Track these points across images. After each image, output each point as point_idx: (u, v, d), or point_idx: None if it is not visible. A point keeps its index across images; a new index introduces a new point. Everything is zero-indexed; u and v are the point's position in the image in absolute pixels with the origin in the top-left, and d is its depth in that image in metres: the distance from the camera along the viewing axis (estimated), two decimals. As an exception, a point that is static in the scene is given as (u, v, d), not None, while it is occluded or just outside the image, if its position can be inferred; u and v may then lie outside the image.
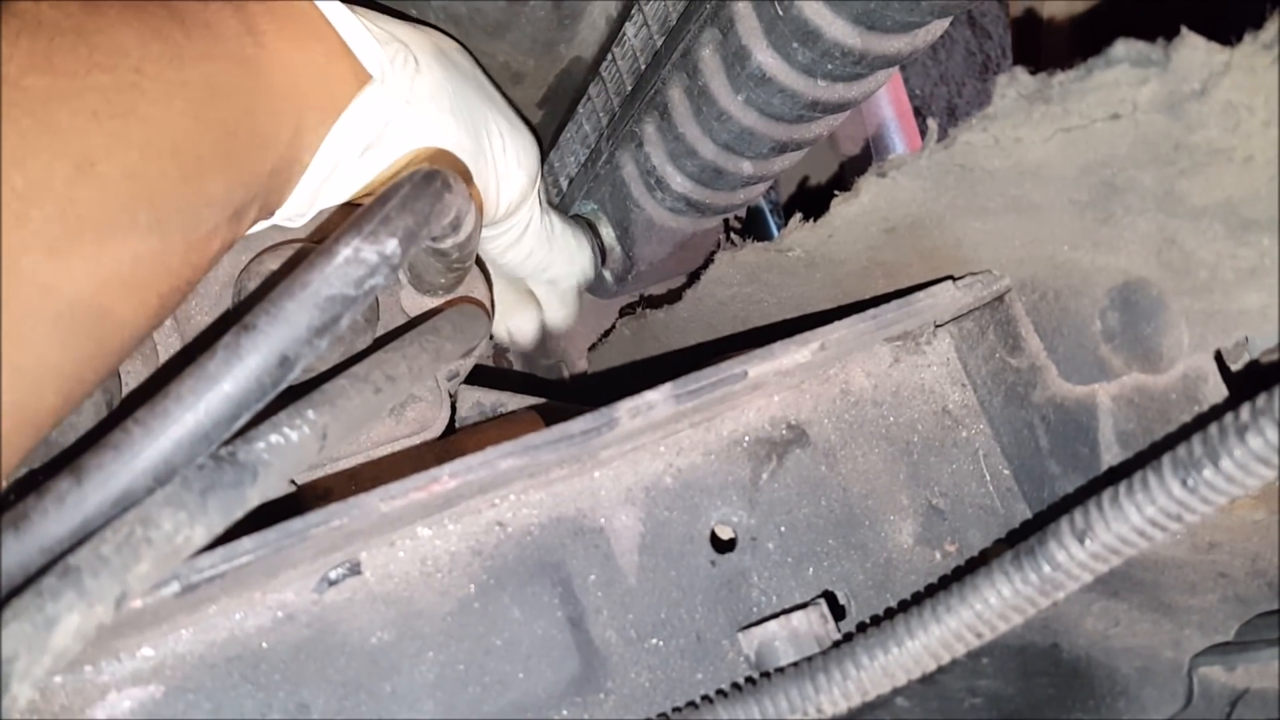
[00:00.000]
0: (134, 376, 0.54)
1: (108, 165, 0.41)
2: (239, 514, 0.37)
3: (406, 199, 0.43)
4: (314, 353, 0.39)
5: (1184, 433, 0.44)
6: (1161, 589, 0.49)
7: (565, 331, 0.90)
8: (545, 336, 0.92)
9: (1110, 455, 0.48)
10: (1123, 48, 0.35)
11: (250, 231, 0.53)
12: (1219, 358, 0.43)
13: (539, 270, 0.77)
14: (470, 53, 0.67)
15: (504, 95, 0.68)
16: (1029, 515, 0.54)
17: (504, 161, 0.64)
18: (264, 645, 0.44)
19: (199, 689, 0.43)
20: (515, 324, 0.83)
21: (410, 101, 0.56)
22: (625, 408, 0.44)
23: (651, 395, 0.44)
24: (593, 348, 0.95)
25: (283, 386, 0.39)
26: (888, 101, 1.13)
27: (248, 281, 0.54)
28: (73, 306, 0.40)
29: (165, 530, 0.36)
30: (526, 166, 0.66)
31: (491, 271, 0.83)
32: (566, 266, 0.78)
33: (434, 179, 0.45)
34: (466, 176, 0.61)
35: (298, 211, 0.54)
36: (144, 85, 0.42)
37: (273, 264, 0.54)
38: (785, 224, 0.57)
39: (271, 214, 0.53)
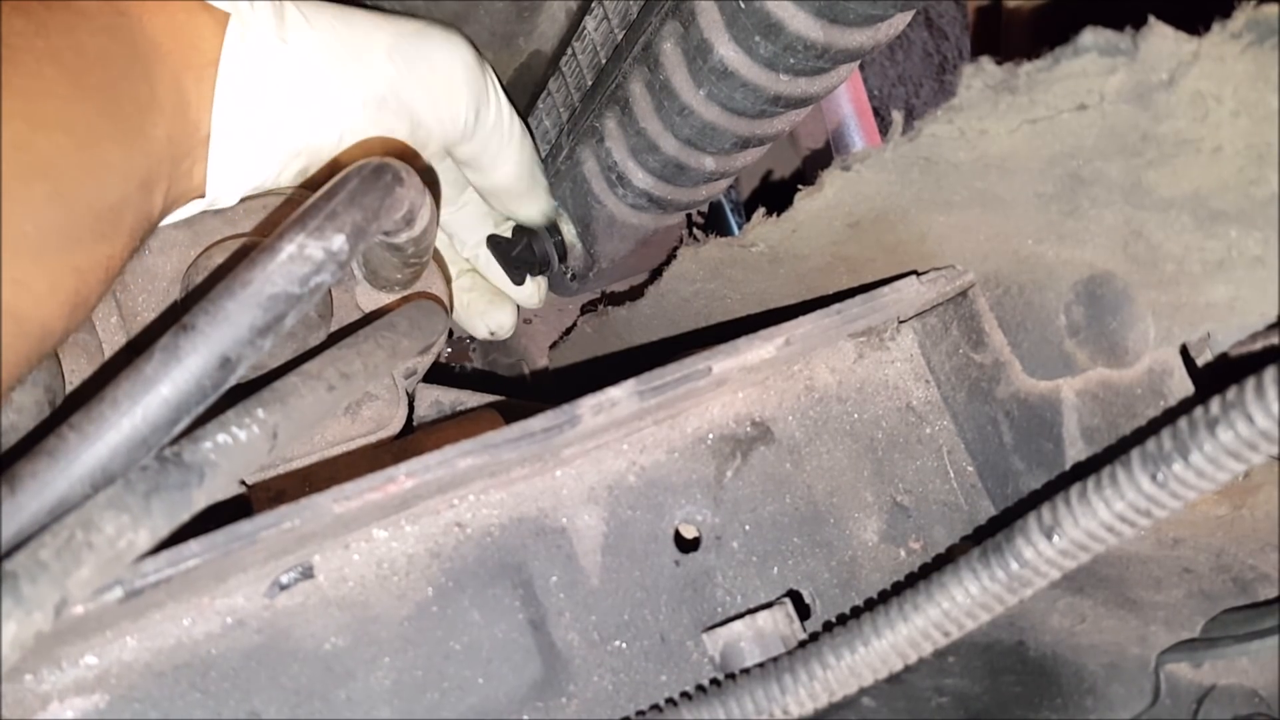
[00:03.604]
0: (78, 375, 0.53)
1: None
2: (185, 517, 0.36)
3: (354, 193, 0.42)
4: (257, 353, 0.38)
5: (1150, 428, 0.44)
6: (1127, 585, 0.49)
7: (533, 316, 0.88)
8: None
9: (1075, 451, 0.48)
10: (1091, 36, 0.35)
11: (190, 217, 0.51)
12: (1185, 352, 0.43)
13: (536, 178, 0.73)
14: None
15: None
16: (993, 512, 0.54)
17: (430, 72, 0.60)
18: (213, 652, 0.42)
19: (145, 698, 0.41)
20: (494, 321, 0.81)
21: (285, 39, 0.54)
22: (588, 405, 0.43)
23: (614, 392, 0.43)
24: (554, 346, 0.94)
25: (225, 388, 0.38)
26: (847, 99, 1.12)
27: (195, 276, 0.53)
28: None
29: (107, 534, 0.34)
30: (461, 66, 0.62)
31: (470, 270, 0.81)
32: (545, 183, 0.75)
33: (384, 172, 0.44)
34: (419, 167, 0.60)
35: (221, 186, 0.53)
36: (13, 58, 0.42)
37: (220, 258, 0.53)
38: (746, 222, 0.56)
39: (191, 192, 0.52)
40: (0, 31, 0.42)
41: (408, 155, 0.59)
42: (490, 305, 0.81)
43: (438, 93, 0.61)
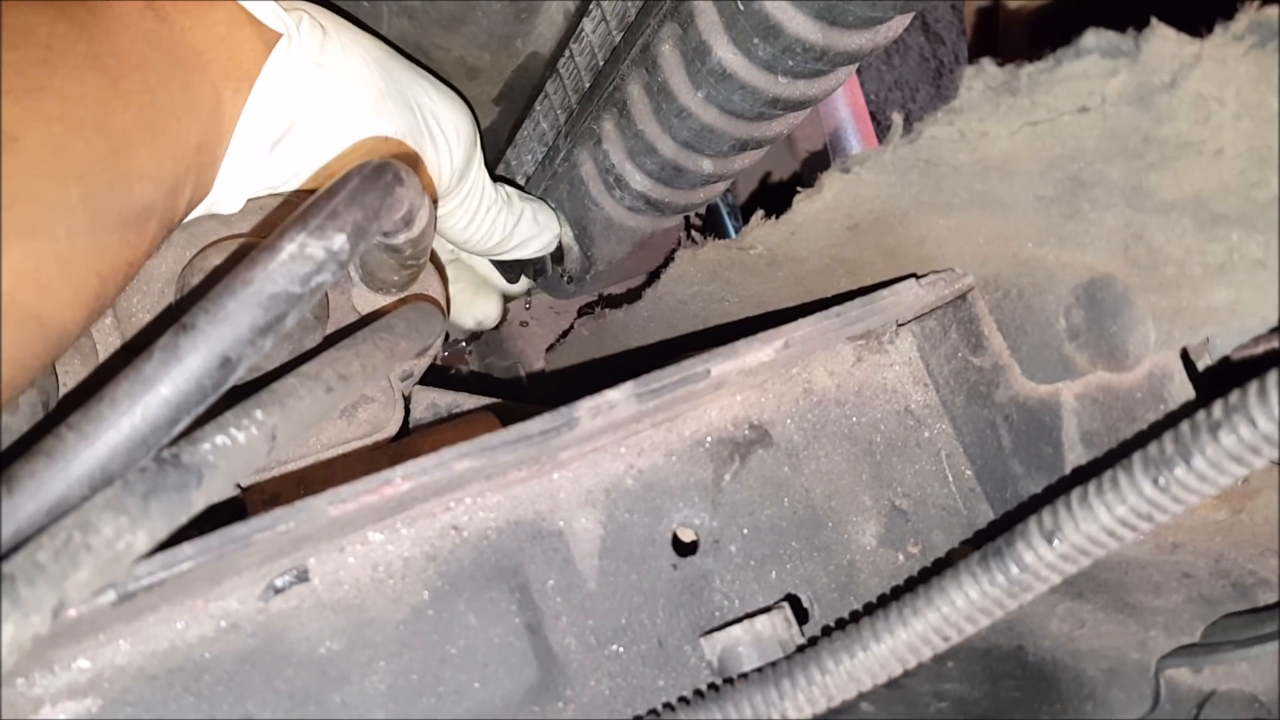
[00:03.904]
0: (72, 376, 0.52)
1: (30, 139, 0.40)
2: (183, 519, 0.36)
3: (355, 192, 0.42)
4: (257, 353, 0.38)
5: (1150, 432, 0.43)
6: (1126, 590, 0.49)
7: (530, 319, 0.89)
8: (503, 335, 0.91)
9: (1074, 455, 0.48)
10: (1093, 38, 0.35)
11: (189, 219, 0.51)
12: (1185, 356, 0.43)
13: (506, 241, 0.75)
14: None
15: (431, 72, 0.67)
16: (992, 516, 0.53)
17: (438, 126, 0.62)
18: (207, 656, 0.42)
19: (138, 702, 0.41)
20: (481, 312, 0.82)
21: (322, 65, 0.55)
22: (585, 407, 0.43)
23: (612, 394, 0.43)
24: (550, 348, 0.94)
25: (225, 388, 0.38)
26: (845, 103, 1.12)
27: (191, 277, 0.52)
28: (11, 288, 0.39)
29: (105, 536, 0.34)
30: (463, 129, 0.65)
31: (454, 260, 0.81)
32: (533, 229, 0.77)
33: (385, 172, 0.44)
34: (417, 167, 0.60)
35: (228, 194, 0.53)
36: (55, 60, 0.42)
37: (217, 259, 0.52)
38: (743, 225, 0.56)
39: (204, 197, 0.52)
40: (44, 34, 0.42)
41: (408, 159, 0.59)
42: (476, 297, 0.81)
43: (440, 146, 0.62)
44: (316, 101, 0.54)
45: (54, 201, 0.41)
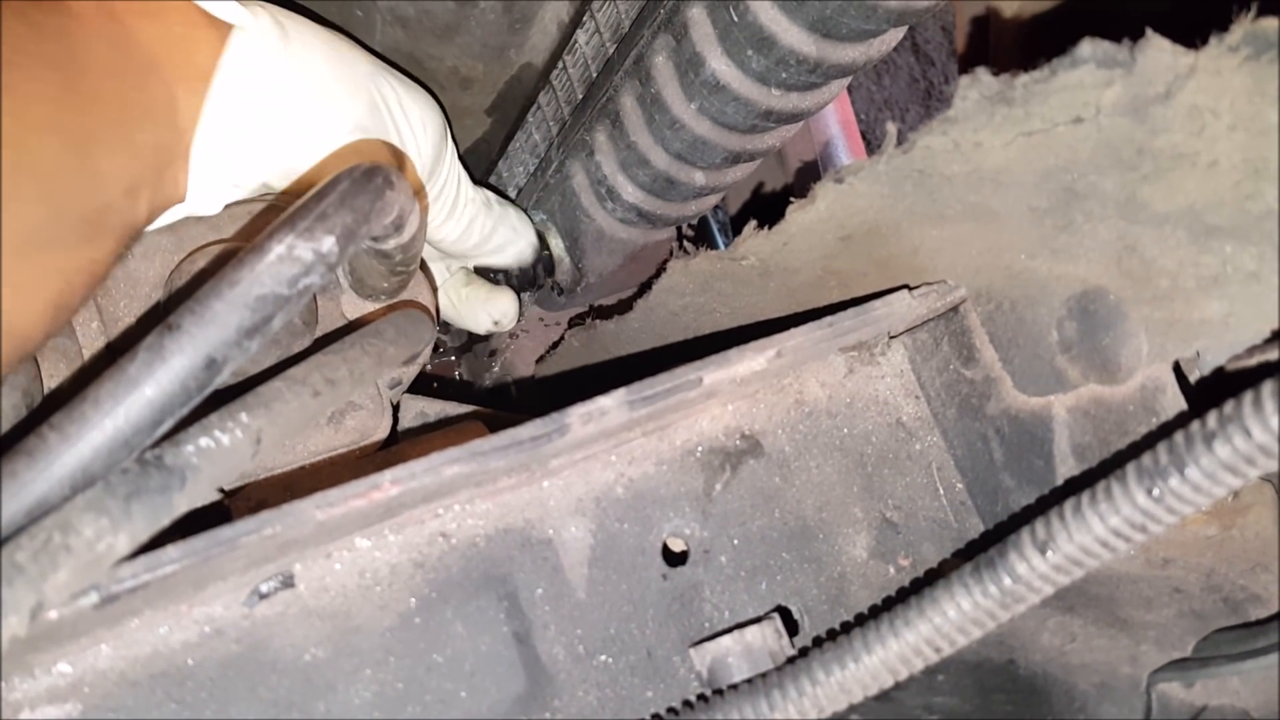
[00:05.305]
0: (55, 377, 0.52)
1: None
2: (165, 521, 0.35)
3: (345, 195, 0.42)
4: (243, 355, 0.37)
5: (1142, 445, 0.43)
6: (1117, 604, 0.48)
7: (520, 330, 0.88)
8: (493, 346, 0.90)
9: (1066, 468, 0.48)
10: (1089, 48, 0.34)
11: (174, 223, 0.51)
12: (1177, 369, 0.43)
13: (483, 245, 0.75)
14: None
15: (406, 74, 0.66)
16: (983, 529, 0.53)
17: (404, 120, 0.61)
18: (190, 662, 0.41)
19: (120, 708, 0.40)
20: (498, 309, 0.80)
21: (282, 60, 0.54)
22: (577, 413, 0.42)
23: (604, 401, 0.43)
24: (540, 359, 0.94)
25: (210, 390, 0.37)
26: (835, 118, 1.13)
27: (178, 280, 0.52)
28: None
29: (86, 537, 0.33)
30: (430, 123, 0.64)
31: (448, 265, 0.81)
32: (510, 235, 0.76)
33: (375, 175, 0.43)
34: (410, 174, 0.59)
35: (201, 194, 0.53)
36: (13, 60, 0.42)
37: (204, 262, 0.52)
38: (732, 241, 0.56)
39: (174, 199, 0.52)
40: (1, 35, 0.42)
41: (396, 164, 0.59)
42: (492, 294, 0.80)
43: (406, 141, 0.62)
44: (278, 96, 0.54)
45: (10, 196, 0.40)
